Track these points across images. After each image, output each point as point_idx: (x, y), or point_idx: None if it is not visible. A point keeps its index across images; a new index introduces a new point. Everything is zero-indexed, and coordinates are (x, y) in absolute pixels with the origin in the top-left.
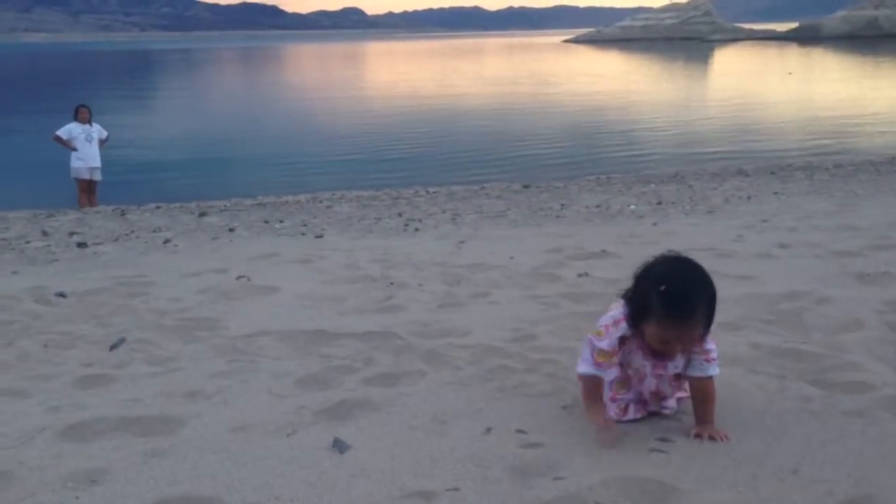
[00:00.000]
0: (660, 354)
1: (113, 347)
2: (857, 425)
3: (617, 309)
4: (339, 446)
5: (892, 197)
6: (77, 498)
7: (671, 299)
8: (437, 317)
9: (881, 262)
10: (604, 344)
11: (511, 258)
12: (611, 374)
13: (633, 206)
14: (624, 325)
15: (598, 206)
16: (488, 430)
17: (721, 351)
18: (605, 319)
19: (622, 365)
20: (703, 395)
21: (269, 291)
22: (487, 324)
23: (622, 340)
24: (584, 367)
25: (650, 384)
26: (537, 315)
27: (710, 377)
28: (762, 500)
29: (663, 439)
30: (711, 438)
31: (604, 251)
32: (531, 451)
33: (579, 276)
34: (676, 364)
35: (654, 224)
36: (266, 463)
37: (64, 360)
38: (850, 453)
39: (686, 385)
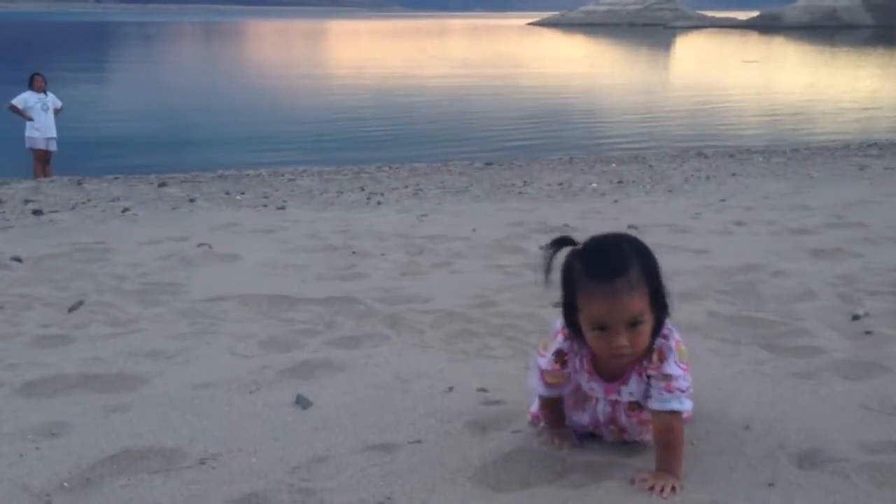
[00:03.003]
0: (609, 376)
1: (71, 309)
2: (807, 386)
3: (556, 322)
4: (302, 402)
5: (845, 180)
6: (37, 449)
7: (592, 255)
8: (399, 284)
9: (834, 239)
10: (544, 362)
11: (473, 230)
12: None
13: (594, 185)
14: (561, 338)
15: (560, 184)
16: (450, 388)
17: (678, 319)
18: (551, 333)
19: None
20: (664, 435)
21: (231, 259)
22: (450, 291)
23: (561, 356)
24: (538, 390)
25: (604, 411)
26: (499, 283)
27: (675, 412)
28: (716, 453)
29: None
30: (660, 491)
31: (566, 225)
32: (492, 408)
33: (541, 247)
34: (631, 390)
35: (615, 201)
36: (228, 417)
37: (21, 322)
38: (800, 411)
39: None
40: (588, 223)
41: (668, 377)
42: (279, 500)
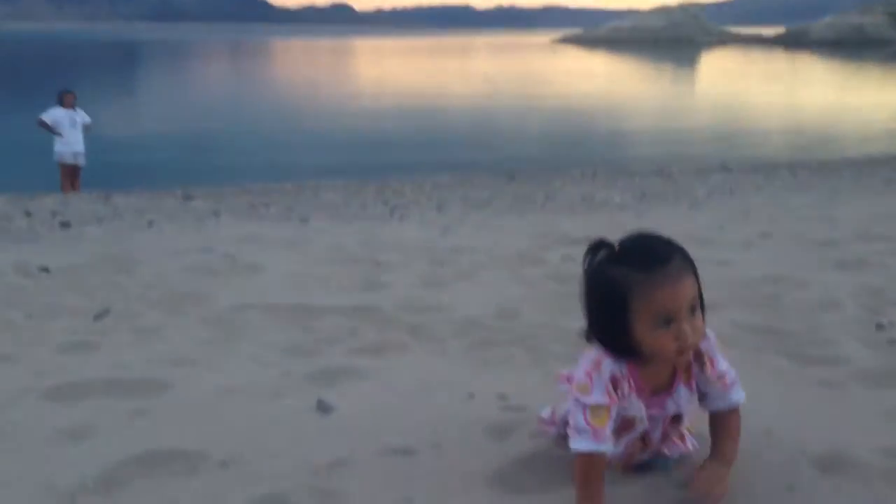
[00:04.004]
0: (656, 390)
1: (97, 318)
2: (829, 394)
3: (590, 350)
4: (323, 407)
5: (872, 193)
6: (62, 452)
7: (633, 252)
8: (421, 294)
9: (860, 251)
10: (594, 398)
11: (496, 243)
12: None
13: (617, 198)
14: (608, 362)
15: (582, 198)
16: (471, 395)
17: None
18: (584, 365)
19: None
20: (724, 429)
21: (255, 270)
22: (472, 301)
23: (615, 382)
24: (580, 443)
25: (641, 428)
26: (521, 293)
27: (736, 408)
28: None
29: None
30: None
31: (588, 237)
32: (512, 414)
33: (563, 259)
34: (678, 401)
35: (638, 215)
36: (250, 422)
37: (48, 329)
38: (822, 418)
39: (688, 441)
40: (611, 235)
41: (722, 375)
42: (299, 501)
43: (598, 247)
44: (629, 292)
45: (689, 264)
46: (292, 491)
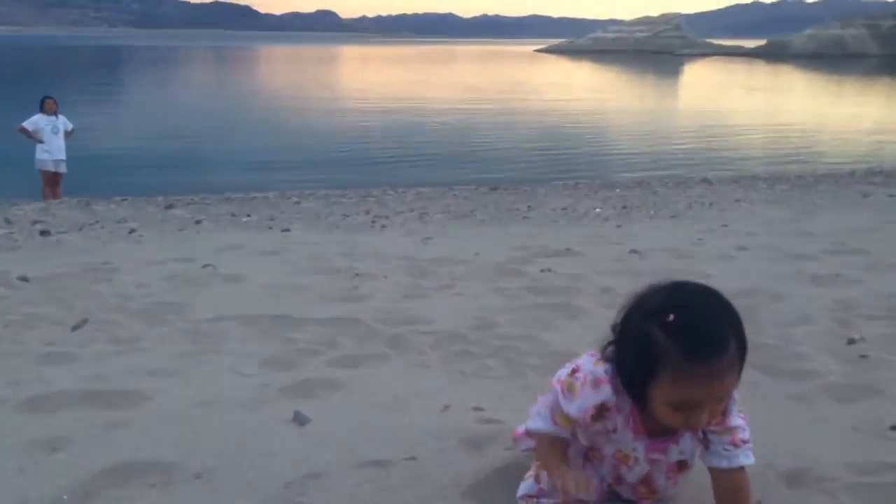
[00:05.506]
0: (658, 433)
1: (76, 328)
2: (800, 408)
3: (600, 364)
4: (300, 419)
5: (849, 207)
6: (37, 463)
7: (687, 332)
8: (401, 306)
9: (834, 265)
10: (572, 408)
11: (476, 254)
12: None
13: (598, 210)
14: (608, 390)
15: (564, 209)
16: (446, 407)
17: None
18: (586, 374)
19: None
20: (732, 497)
21: (235, 280)
22: (451, 313)
23: (602, 411)
24: (536, 423)
25: (640, 471)
26: (500, 305)
27: (742, 469)
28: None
29: None
30: None
31: (568, 249)
32: (487, 426)
33: (542, 271)
34: (682, 448)
35: (619, 226)
36: (227, 434)
37: (25, 339)
38: (792, 432)
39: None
40: (591, 248)
41: (732, 430)
42: None
43: (657, 313)
44: (663, 366)
45: (739, 355)
46: (267, 503)
